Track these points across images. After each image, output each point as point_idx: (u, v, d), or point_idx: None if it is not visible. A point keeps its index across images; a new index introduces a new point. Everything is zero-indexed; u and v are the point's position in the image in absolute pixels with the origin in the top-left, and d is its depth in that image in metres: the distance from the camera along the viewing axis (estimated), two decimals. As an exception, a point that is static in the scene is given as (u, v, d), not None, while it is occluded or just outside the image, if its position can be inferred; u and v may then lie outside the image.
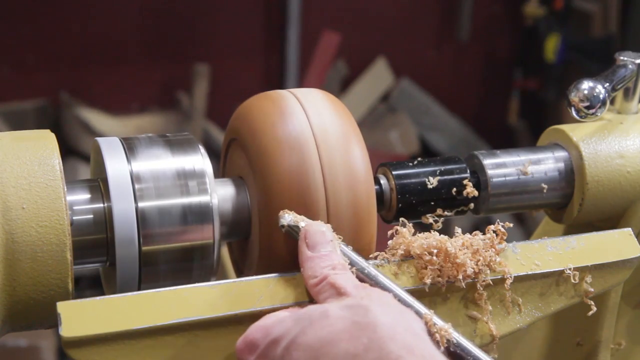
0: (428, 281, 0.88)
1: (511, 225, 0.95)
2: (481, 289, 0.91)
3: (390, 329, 0.72)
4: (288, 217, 0.87)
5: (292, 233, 0.87)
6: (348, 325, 0.73)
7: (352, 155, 0.91)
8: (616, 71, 1.09)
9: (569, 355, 1.13)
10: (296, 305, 0.84)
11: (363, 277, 0.84)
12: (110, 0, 3.84)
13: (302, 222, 0.87)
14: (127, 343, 0.81)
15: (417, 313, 0.80)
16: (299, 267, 0.86)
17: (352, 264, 0.85)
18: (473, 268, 0.90)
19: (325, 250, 0.84)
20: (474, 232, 0.94)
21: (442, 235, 0.92)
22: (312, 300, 0.84)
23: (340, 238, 0.88)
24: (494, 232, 0.94)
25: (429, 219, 1.00)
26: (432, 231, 0.94)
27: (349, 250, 0.86)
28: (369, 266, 0.85)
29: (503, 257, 0.93)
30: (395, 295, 0.82)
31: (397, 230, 0.93)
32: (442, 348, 0.79)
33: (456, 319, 0.91)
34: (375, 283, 0.84)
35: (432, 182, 1.00)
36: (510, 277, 0.92)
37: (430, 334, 0.79)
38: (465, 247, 0.91)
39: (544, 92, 4.32)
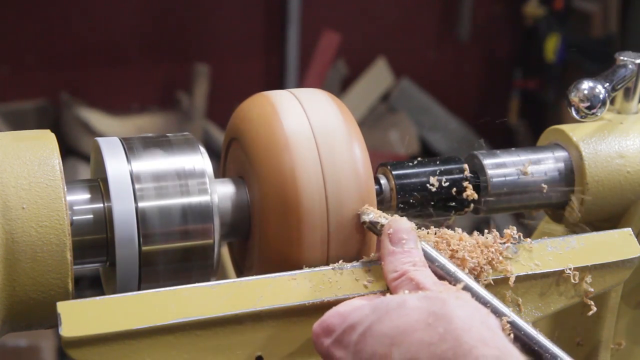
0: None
1: (515, 229, 0.95)
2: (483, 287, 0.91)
3: (466, 321, 0.73)
4: (370, 214, 0.89)
5: (373, 229, 0.89)
6: (424, 316, 0.74)
7: (352, 155, 0.91)
8: (616, 71, 1.09)
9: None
10: (375, 293, 0.86)
11: (443, 275, 0.85)
12: (111, 1, 3.84)
13: (383, 218, 0.89)
14: (127, 343, 0.81)
15: (495, 311, 0.81)
16: (295, 267, 0.87)
17: (431, 260, 0.86)
18: (475, 263, 0.90)
19: (408, 247, 0.86)
20: (472, 234, 0.94)
21: (445, 230, 0.93)
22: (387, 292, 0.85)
23: (422, 236, 0.89)
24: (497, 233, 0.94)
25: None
26: (432, 227, 0.94)
27: (429, 248, 0.87)
28: (449, 263, 0.86)
29: (504, 257, 0.93)
30: (474, 294, 0.83)
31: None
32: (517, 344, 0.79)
33: None
34: (454, 281, 0.85)
35: (432, 182, 1.00)
36: (513, 275, 0.92)
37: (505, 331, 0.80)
38: (465, 242, 0.91)
39: (544, 92, 4.32)
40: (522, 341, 0.81)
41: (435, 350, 0.71)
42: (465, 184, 1.01)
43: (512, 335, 0.80)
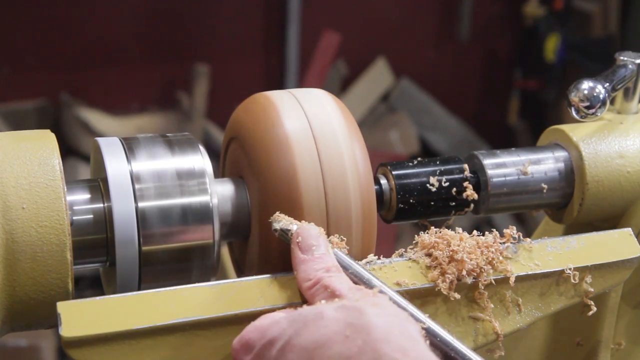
0: (442, 282, 0.89)
1: (514, 229, 0.95)
2: (482, 288, 0.91)
3: (384, 331, 0.72)
4: (280, 222, 0.87)
5: (284, 237, 0.87)
6: (342, 327, 0.73)
7: (352, 155, 0.91)
8: (616, 71, 1.09)
9: (569, 355, 1.13)
10: (291, 305, 0.84)
11: (357, 281, 0.84)
12: (111, 1, 3.84)
13: (294, 225, 0.86)
14: (127, 343, 0.81)
15: (412, 316, 0.80)
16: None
17: (345, 267, 0.84)
18: (474, 265, 0.90)
19: (319, 253, 0.84)
20: (472, 234, 0.94)
21: (446, 230, 0.93)
22: (305, 302, 0.83)
23: (335, 241, 0.87)
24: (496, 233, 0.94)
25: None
26: (432, 227, 0.94)
27: (341, 254, 0.86)
28: (362, 269, 0.85)
29: (504, 256, 0.93)
30: (390, 298, 0.81)
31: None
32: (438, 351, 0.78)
33: (457, 319, 0.91)
34: (369, 286, 0.83)
35: (432, 182, 1.00)
36: (513, 275, 0.92)
37: (426, 338, 0.78)
38: (464, 242, 0.91)
39: (544, 92, 4.32)
40: (438, 348, 0.79)
41: None
42: (465, 184, 1.01)
43: (428, 342, 0.78)
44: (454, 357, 0.79)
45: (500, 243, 0.93)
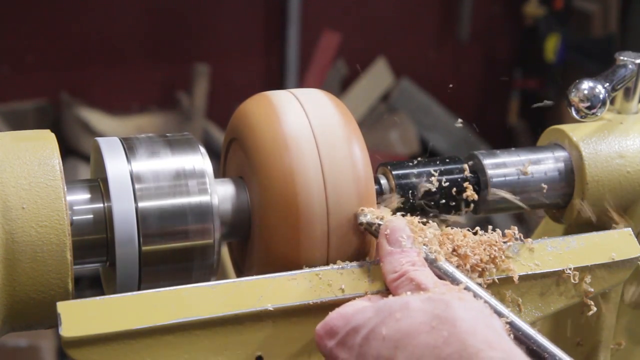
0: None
1: (516, 229, 0.95)
2: (484, 286, 0.91)
3: (470, 323, 0.72)
4: (366, 215, 0.89)
5: (370, 230, 0.89)
6: (428, 318, 0.74)
7: (352, 155, 0.91)
8: (616, 71, 1.08)
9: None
10: (376, 293, 0.85)
11: (441, 275, 0.85)
12: (111, 0, 3.84)
13: (380, 220, 0.88)
14: (127, 343, 0.81)
15: (496, 311, 0.81)
16: (295, 267, 0.87)
17: (430, 262, 0.86)
18: (478, 260, 0.90)
19: (406, 247, 0.85)
20: (476, 232, 0.94)
21: (448, 228, 0.93)
22: (389, 293, 0.85)
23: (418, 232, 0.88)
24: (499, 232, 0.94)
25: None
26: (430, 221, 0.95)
27: (427, 251, 0.87)
28: (447, 265, 0.86)
29: (506, 255, 0.93)
30: (475, 294, 0.82)
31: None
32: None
33: None
34: (454, 282, 0.84)
35: (432, 182, 1.00)
36: (516, 274, 0.92)
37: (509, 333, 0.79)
38: (468, 238, 0.91)
39: (544, 92, 4.32)
40: (521, 341, 0.81)
41: (440, 354, 0.71)
42: (465, 184, 1.01)
43: (511, 336, 0.80)
44: (536, 351, 0.81)
45: (502, 242, 0.93)
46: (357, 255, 0.92)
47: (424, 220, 0.98)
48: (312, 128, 0.91)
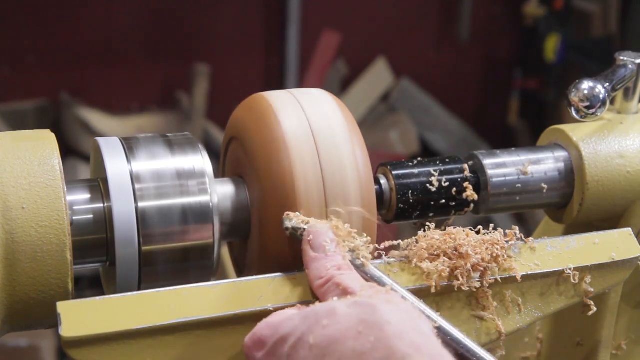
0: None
1: (517, 229, 0.95)
2: (487, 286, 0.91)
3: (397, 327, 0.72)
4: (292, 220, 0.87)
5: (296, 235, 0.87)
6: (355, 324, 0.73)
7: (352, 155, 0.91)
8: (616, 71, 1.08)
9: (569, 355, 1.13)
10: (303, 303, 0.84)
11: (368, 279, 0.84)
12: (111, 1, 3.84)
13: (305, 224, 0.87)
14: (127, 343, 0.81)
15: (424, 314, 0.80)
16: (302, 267, 0.86)
17: (356, 266, 0.85)
18: (479, 259, 0.90)
19: (330, 251, 0.84)
20: (477, 228, 0.94)
21: (454, 227, 0.93)
22: (317, 300, 0.83)
23: (344, 239, 0.87)
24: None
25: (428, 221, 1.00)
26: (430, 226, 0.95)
27: (350, 255, 0.86)
28: (373, 268, 0.85)
29: (508, 255, 0.93)
30: (402, 296, 0.81)
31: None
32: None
33: (460, 318, 0.91)
34: (381, 284, 0.83)
35: (432, 182, 1.00)
36: (519, 273, 0.92)
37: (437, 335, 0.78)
38: (470, 238, 0.91)
39: (544, 92, 4.32)
40: (450, 346, 0.79)
41: (368, 359, 0.70)
42: (466, 184, 1.01)
43: (440, 341, 0.77)
44: (465, 355, 0.80)
45: (505, 241, 0.93)
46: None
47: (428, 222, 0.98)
48: (311, 128, 0.91)
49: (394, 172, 1.00)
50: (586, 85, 1.04)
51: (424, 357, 0.69)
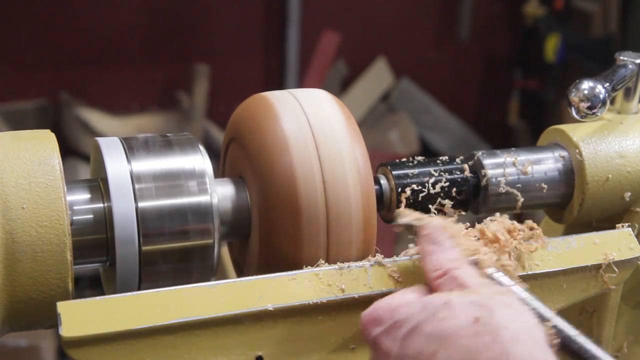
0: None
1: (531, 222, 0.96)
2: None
3: (513, 333, 0.73)
4: (405, 217, 0.90)
5: (410, 231, 0.89)
6: (471, 322, 0.74)
7: (352, 155, 0.91)
8: (616, 71, 1.09)
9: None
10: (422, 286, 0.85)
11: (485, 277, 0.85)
12: (111, 1, 3.84)
13: (419, 221, 0.89)
14: (127, 343, 0.81)
15: (540, 316, 0.81)
16: (295, 267, 0.87)
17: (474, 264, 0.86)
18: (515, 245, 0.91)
19: (448, 245, 0.86)
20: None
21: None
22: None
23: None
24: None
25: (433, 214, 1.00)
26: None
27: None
28: (494, 270, 0.86)
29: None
30: (520, 299, 0.82)
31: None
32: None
33: None
34: (497, 283, 0.84)
35: (432, 182, 1.00)
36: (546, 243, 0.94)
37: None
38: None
39: (544, 92, 4.32)
40: (564, 345, 0.81)
41: (479, 358, 0.71)
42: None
43: (554, 342, 0.79)
44: (578, 353, 0.81)
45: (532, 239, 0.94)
46: (357, 255, 0.92)
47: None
48: (311, 128, 0.91)
49: (394, 172, 1.00)
50: (586, 85, 1.04)
51: None
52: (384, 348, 0.79)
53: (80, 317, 0.80)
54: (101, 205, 0.90)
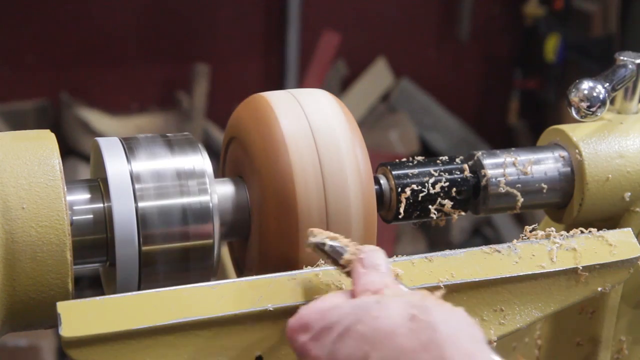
0: None
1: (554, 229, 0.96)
2: None
3: (452, 332, 0.70)
4: (316, 237, 0.85)
5: (320, 251, 0.85)
6: (407, 320, 0.72)
7: (352, 155, 0.91)
8: (616, 71, 1.09)
9: (569, 355, 1.13)
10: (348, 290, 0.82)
11: None
12: (111, 1, 3.84)
13: (330, 240, 0.85)
14: (127, 343, 0.81)
15: None
16: (295, 267, 0.87)
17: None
18: None
19: (381, 271, 0.82)
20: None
21: None
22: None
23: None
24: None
25: (433, 215, 1.00)
26: None
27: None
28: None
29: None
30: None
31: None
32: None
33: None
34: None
35: (432, 182, 1.00)
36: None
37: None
38: None
39: (544, 92, 4.32)
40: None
41: (416, 358, 0.69)
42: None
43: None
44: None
45: None
46: (357, 255, 0.92)
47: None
48: (311, 128, 0.91)
49: (393, 172, 1.00)
50: (586, 85, 1.04)
51: None
52: (312, 356, 0.76)
53: (80, 317, 0.80)
54: (101, 205, 0.90)
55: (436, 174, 1.00)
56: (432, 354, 0.69)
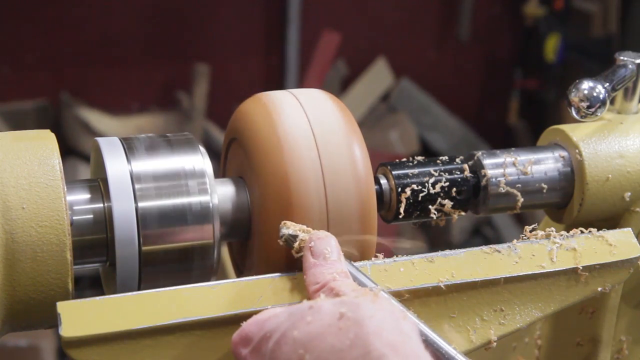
0: None
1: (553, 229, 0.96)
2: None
3: (377, 325, 0.71)
4: (289, 229, 0.86)
5: (290, 244, 0.86)
6: (337, 319, 0.73)
7: (352, 155, 0.91)
8: (616, 71, 1.09)
9: (569, 355, 1.13)
10: (293, 304, 0.84)
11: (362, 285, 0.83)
12: (111, 1, 3.84)
13: (302, 233, 0.86)
14: (127, 343, 0.81)
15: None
16: (295, 267, 0.87)
17: (354, 276, 0.84)
18: None
19: (331, 259, 0.84)
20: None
21: None
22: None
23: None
24: None
25: (433, 215, 1.00)
26: None
27: (352, 266, 0.86)
28: (366, 278, 0.85)
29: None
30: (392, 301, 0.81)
31: None
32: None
33: (457, 317, 0.91)
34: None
35: (432, 182, 1.00)
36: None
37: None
38: None
39: (544, 92, 4.32)
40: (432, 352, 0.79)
41: (345, 357, 0.70)
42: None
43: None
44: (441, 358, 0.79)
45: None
46: (357, 256, 0.92)
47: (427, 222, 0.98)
48: (311, 128, 0.91)
49: (393, 172, 1.00)
50: (586, 85, 1.04)
51: (400, 357, 0.69)
52: None
53: (80, 317, 0.80)
54: (101, 205, 0.90)
55: (436, 174, 1.00)
56: (359, 350, 0.70)
